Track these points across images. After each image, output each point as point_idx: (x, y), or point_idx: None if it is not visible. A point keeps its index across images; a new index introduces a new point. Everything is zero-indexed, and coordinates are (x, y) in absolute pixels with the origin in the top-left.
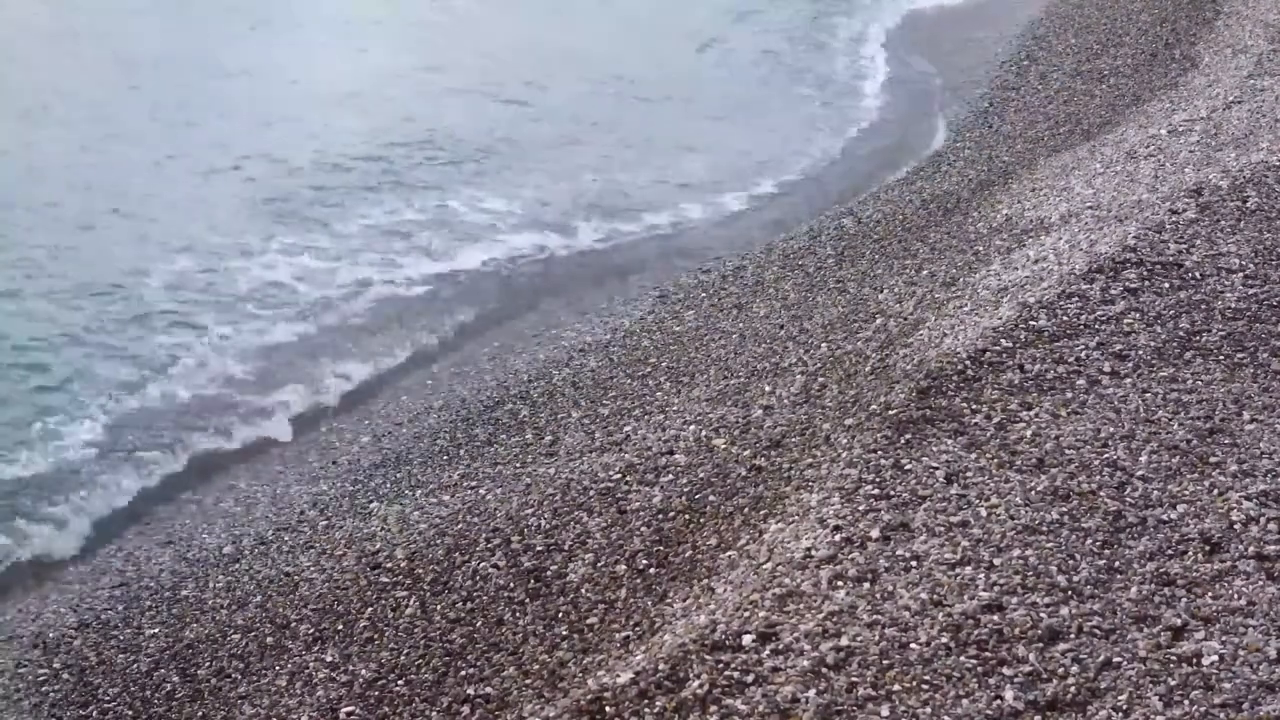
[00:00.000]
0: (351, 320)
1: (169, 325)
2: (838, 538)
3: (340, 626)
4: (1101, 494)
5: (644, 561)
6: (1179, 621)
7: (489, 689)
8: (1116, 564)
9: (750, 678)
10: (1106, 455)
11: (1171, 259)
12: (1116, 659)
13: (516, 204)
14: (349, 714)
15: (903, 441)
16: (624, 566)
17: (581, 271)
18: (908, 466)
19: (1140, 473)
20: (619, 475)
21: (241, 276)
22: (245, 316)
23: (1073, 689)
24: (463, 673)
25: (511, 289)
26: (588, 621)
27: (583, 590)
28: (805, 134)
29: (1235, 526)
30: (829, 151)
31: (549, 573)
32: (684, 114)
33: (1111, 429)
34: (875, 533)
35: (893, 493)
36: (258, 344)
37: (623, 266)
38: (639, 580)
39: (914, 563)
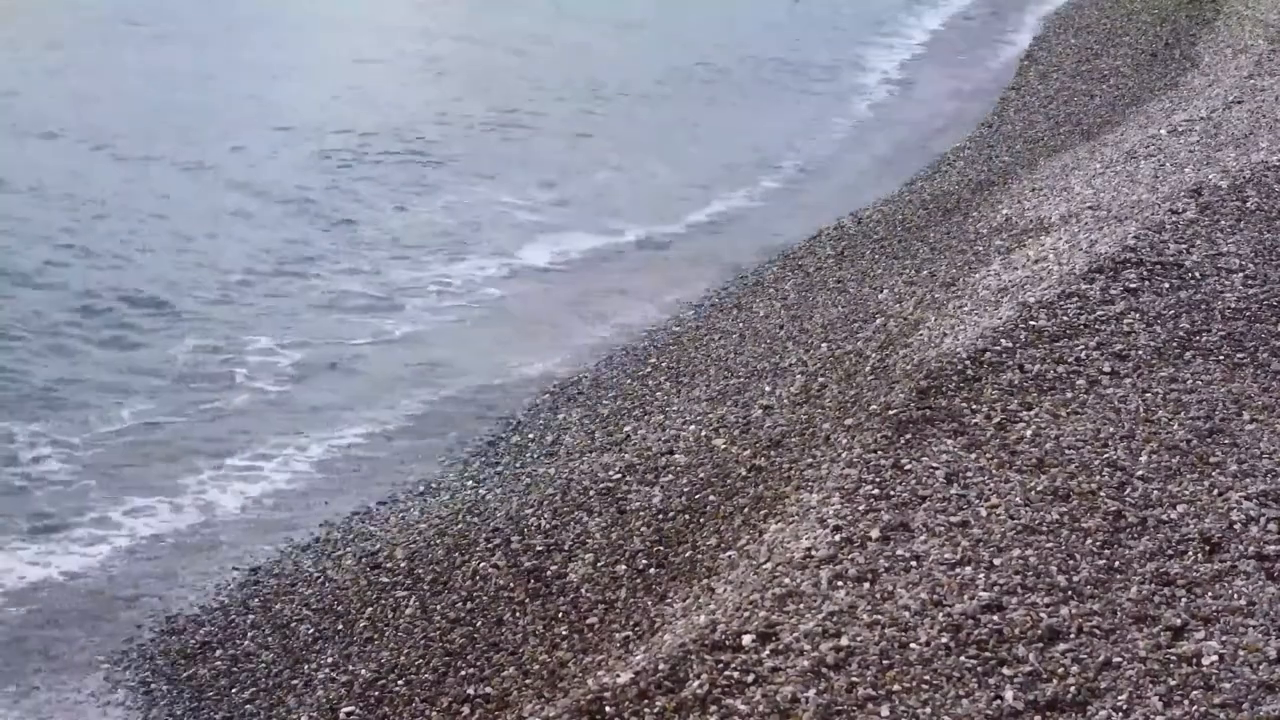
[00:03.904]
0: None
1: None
2: (838, 538)
3: (340, 626)
4: (1101, 494)
5: (644, 561)
6: (1179, 621)
7: (489, 689)
8: (1116, 564)
9: (750, 678)
10: (1106, 455)
11: (1171, 259)
12: (1116, 659)
13: (549, 199)
14: (349, 714)
15: (903, 441)
16: (624, 566)
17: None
18: (908, 466)
19: (1140, 473)
20: (619, 475)
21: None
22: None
23: (1073, 689)
24: (463, 673)
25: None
26: (588, 621)
27: (583, 590)
28: None
29: (1235, 526)
30: None
31: (549, 573)
32: None
33: (1111, 429)
34: (875, 533)
35: (893, 493)
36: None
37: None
38: (639, 580)
39: (914, 563)
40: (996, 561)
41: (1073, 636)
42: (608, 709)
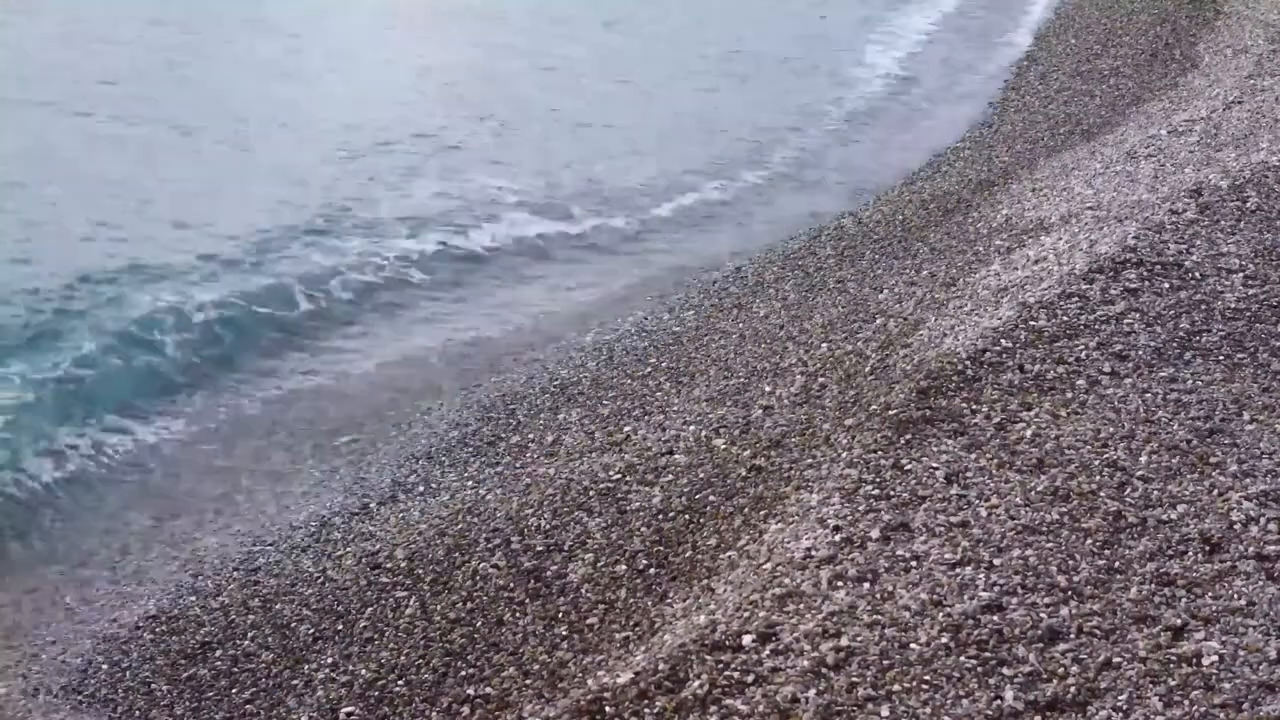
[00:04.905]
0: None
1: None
2: (838, 538)
3: (340, 626)
4: (1101, 494)
5: (644, 561)
6: (1179, 621)
7: (489, 689)
8: (1116, 564)
9: (750, 678)
10: (1106, 455)
11: (1171, 259)
12: (1116, 659)
13: (525, 185)
14: (349, 714)
15: (903, 441)
16: (624, 566)
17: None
18: (908, 466)
19: (1140, 473)
20: (619, 475)
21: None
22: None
23: (1073, 689)
24: (463, 673)
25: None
26: (588, 621)
27: (583, 590)
28: None
29: (1235, 526)
30: None
31: (549, 573)
32: None
33: (1111, 429)
34: (875, 533)
35: (893, 493)
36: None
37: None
38: (639, 580)
39: (914, 563)
40: (996, 562)
41: (1073, 636)
42: (608, 709)
